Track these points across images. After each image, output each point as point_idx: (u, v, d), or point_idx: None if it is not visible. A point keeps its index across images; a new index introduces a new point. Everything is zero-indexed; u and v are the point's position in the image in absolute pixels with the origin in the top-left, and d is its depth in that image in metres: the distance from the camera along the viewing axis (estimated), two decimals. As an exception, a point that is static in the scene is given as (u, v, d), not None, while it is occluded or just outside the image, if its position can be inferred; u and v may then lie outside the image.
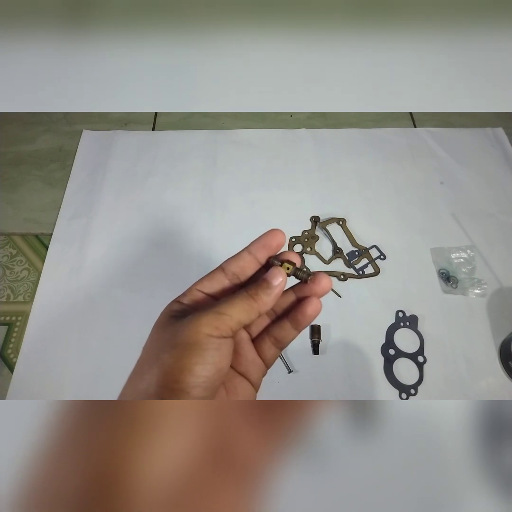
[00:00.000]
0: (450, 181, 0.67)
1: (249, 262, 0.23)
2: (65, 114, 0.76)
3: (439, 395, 0.49)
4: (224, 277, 0.23)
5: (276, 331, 0.24)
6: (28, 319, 0.54)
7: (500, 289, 0.56)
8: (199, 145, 0.71)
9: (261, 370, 0.24)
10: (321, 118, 0.76)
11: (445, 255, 0.58)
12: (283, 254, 0.24)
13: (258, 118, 0.76)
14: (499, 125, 0.73)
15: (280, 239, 0.23)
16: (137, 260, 0.59)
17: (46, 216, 0.63)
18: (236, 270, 0.23)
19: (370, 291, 0.56)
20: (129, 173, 0.68)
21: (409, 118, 0.76)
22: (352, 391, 0.50)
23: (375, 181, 0.67)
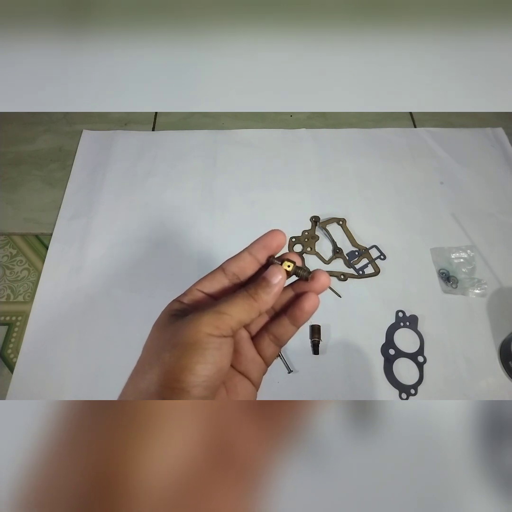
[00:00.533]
0: (450, 181, 0.67)
1: (249, 263, 0.23)
2: (65, 114, 0.76)
3: (439, 395, 0.49)
4: (224, 277, 0.23)
5: (275, 328, 0.24)
6: (28, 319, 0.54)
7: (500, 289, 0.56)
8: (199, 145, 0.71)
9: (261, 368, 0.24)
10: (321, 118, 0.76)
11: (445, 255, 0.58)
12: (283, 255, 0.24)
13: (258, 118, 0.76)
14: (499, 125, 0.73)
15: (281, 240, 0.23)
16: (137, 260, 0.59)
17: (46, 216, 0.63)
18: (236, 270, 0.23)
19: (370, 291, 0.56)
20: (129, 173, 0.68)
21: (409, 118, 0.76)
22: (352, 391, 0.50)
23: (375, 181, 0.67)
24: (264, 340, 0.24)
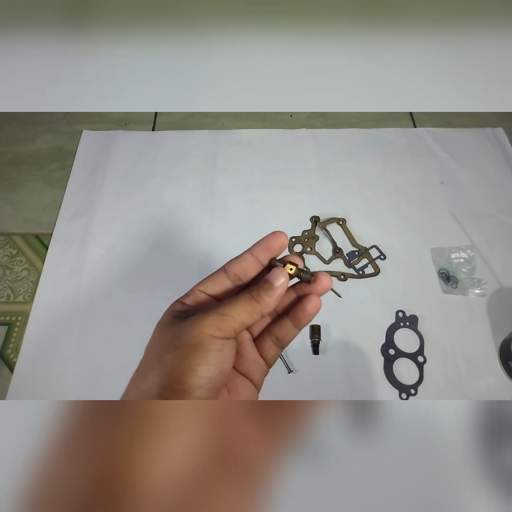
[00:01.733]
0: (450, 181, 0.67)
1: (251, 264, 0.23)
2: (65, 114, 0.76)
3: (439, 395, 0.49)
4: (226, 278, 0.23)
5: (277, 330, 0.24)
6: (28, 319, 0.54)
7: (500, 289, 0.56)
8: (199, 145, 0.71)
9: (263, 370, 0.24)
10: (321, 118, 0.76)
11: (445, 255, 0.58)
12: (285, 257, 0.24)
13: (258, 118, 0.76)
14: (499, 125, 0.73)
15: (283, 241, 0.23)
16: (137, 260, 0.59)
17: (46, 216, 0.63)
18: (238, 272, 0.23)
19: (370, 291, 0.56)
20: (129, 173, 0.68)
21: (409, 118, 0.76)
22: (352, 391, 0.50)
23: (375, 181, 0.67)
24: (266, 342, 0.24)
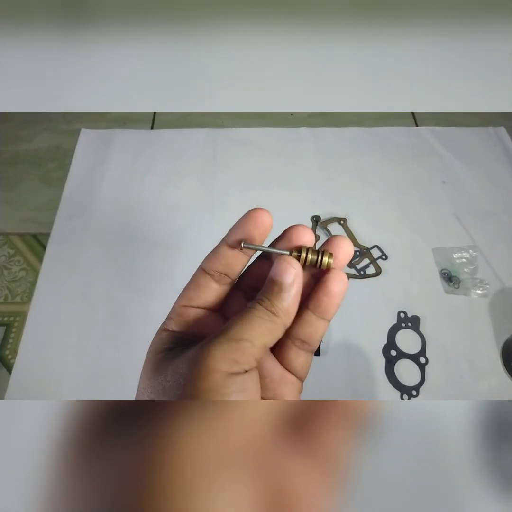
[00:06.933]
0: (452, 180, 0.66)
1: (233, 257, 0.18)
2: (63, 113, 0.75)
3: (441, 397, 0.49)
4: (209, 280, 0.18)
5: (300, 329, 0.18)
6: (26, 319, 0.54)
7: (503, 289, 0.56)
8: (198, 144, 0.70)
9: (295, 387, 0.18)
10: (322, 117, 0.75)
11: (447, 255, 0.58)
12: (282, 233, 0.19)
13: (258, 116, 0.75)
14: (501, 124, 0.72)
15: (266, 222, 0.18)
16: (136, 260, 0.59)
17: (44, 216, 0.63)
18: (221, 269, 0.18)
19: (371, 291, 0.56)
20: (128, 172, 0.67)
21: (410, 117, 0.75)
22: (353, 392, 0.49)
23: (377, 180, 0.66)
24: (290, 350, 0.18)
